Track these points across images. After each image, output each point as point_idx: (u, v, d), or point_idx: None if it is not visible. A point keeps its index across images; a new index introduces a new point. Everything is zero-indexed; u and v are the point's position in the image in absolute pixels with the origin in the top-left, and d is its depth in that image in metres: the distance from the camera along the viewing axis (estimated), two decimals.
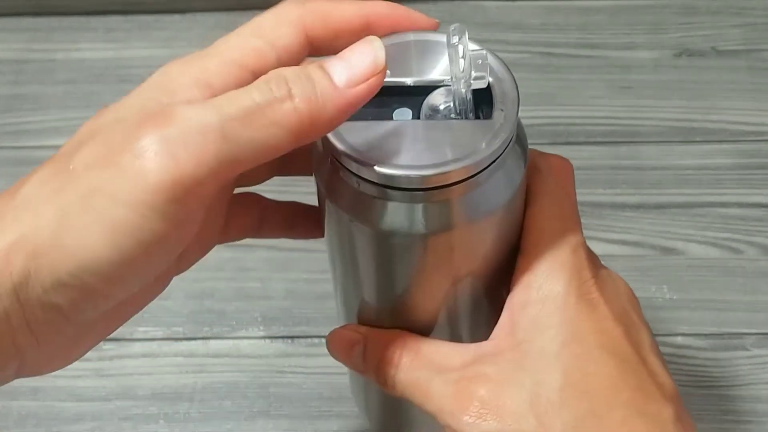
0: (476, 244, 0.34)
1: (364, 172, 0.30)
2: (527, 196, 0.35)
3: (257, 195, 0.40)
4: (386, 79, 0.31)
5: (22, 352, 0.29)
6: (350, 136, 0.31)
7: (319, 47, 0.32)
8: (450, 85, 0.32)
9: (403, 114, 0.32)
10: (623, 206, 0.64)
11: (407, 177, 0.30)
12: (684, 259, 0.62)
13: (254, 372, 0.57)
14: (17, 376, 0.30)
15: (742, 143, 0.67)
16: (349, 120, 0.30)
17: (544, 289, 0.34)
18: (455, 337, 0.38)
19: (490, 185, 0.32)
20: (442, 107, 0.32)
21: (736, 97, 0.70)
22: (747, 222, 0.63)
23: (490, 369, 0.34)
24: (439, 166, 0.30)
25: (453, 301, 0.36)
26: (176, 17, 0.77)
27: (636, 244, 0.62)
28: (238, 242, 0.65)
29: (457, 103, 0.32)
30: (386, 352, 0.36)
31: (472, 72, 0.31)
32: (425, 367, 0.35)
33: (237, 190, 0.37)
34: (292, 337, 0.58)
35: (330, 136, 0.31)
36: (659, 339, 0.58)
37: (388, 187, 0.30)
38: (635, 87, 0.71)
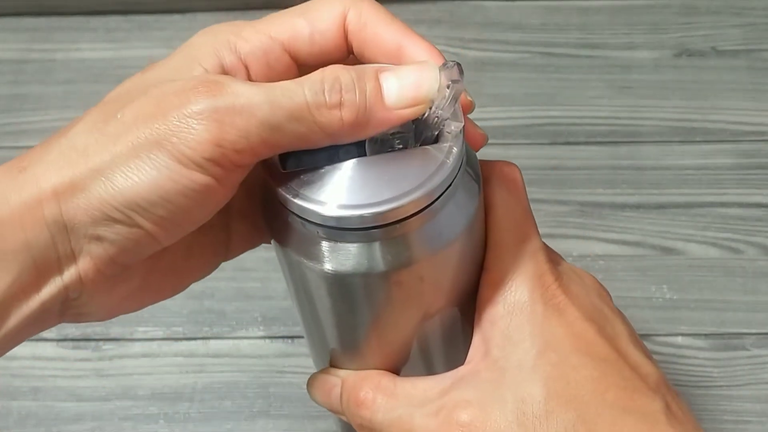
0: (442, 274, 0.33)
1: (316, 217, 0.29)
2: None
3: None
4: None
5: (66, 287, 0.30)
6: (298, 183, 0.30)
7: (351, 43, 0.33)
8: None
9: (349, 153, 0.31)
10: (623, 206, 0.64)
11: (360, 216, 0.29)
12: (684, 259, 0.62)
13: (254, 372, 0.57)
14: (61, 319, 0.32)
15: (742, 143, 0.67)
16: (295, 167, 0.30)
17: (509, 301, 0.34)
18: (431, 370, 0.37)
19: (447, 212, 0.31)
20: (384, 138, 0.31)
21: (736, 97, 0.70)
22: (747, 222, 0.63)
23: (469, 393, 0.33)
24: (391, 201, 0.29)
25: (425, 335, 0.35)
26: (176, 17, 0.77)
27: (636, 244, 0.62)
28: None
29: (418, 135, 0.31)
30: (359, 394, 0.35)
31: (449, 118, 0.30)
32: (403, 405, 0.34)
33: None
34: (292, 337, 0.58)
35: (279, 189, 0.30)
36: (659, 339, 0.58)
37: (343, 229, 0.30)
38: (635, 87, 0.71)
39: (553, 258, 0.35)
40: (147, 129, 0.29)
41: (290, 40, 0.32)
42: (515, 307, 0.34)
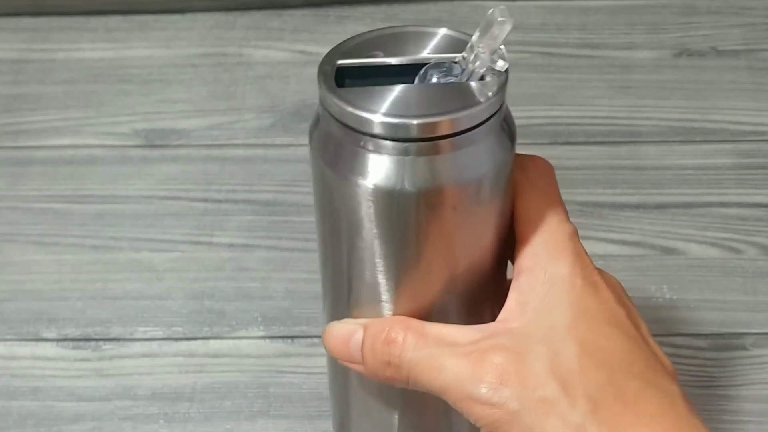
0: (465, 214, 0.34)
1: (364, 124, 0.32)
2: (516, 191, 0.37)
3: None
4: (385, 59, 0.34)
5: None
6: (351, 97, 0.32)
7: None
8: (456, 60, 0.34)
9: (400, 79, 0.33)
10: (623, 206, 0.64)
11: (402, 125, 0.32)
12: (684, 259, 0.62)
13: (254, 372, 0.57)
14: None
15: (742, 143, 0.67)
16: (349, 87, 0.32)
17: (549, 271, 0.35)
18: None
19: (476, 149, 0.33)
20: (436, 78, 0.34)
21: (736, 97, 0.70)
22: (747, 222, 0.63)
23: (505, 340, 0.34)
24: (430, 117, 0.32)
25: (448, 285, 0.36)
26: (176, 17, 0.77)
27: (636, 244, 0.62)
28: (238, 242, 0.66)
29: (464, 74, 0.33)
30: (389, 335, 0.36)
31: (496, 56, 0.32)
32: (434, 345, 0.35)
33: None
34: (291, 337, 0.58)
35: (330, 95, 0.32)
36: (659, 339, 0.58)
37: (385, 138, 0.32)
38: (635, 87, 0.71)
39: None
40: None
41: None
42: (555, 276, 0.35)
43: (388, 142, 0.32)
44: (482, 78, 0.33)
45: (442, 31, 0.35)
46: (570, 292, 0.35)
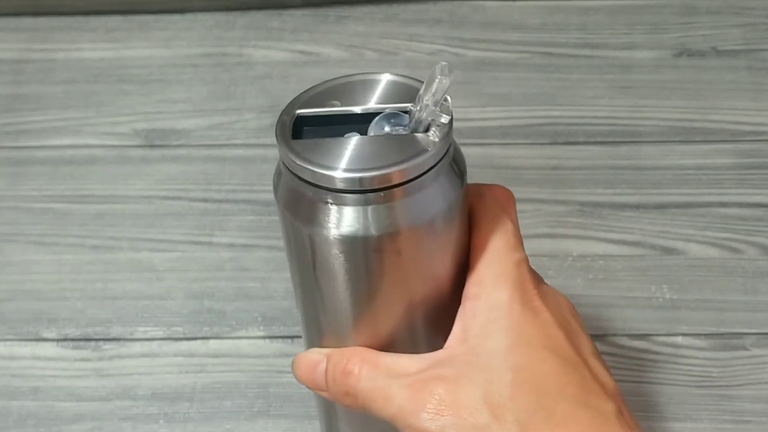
0: (424, 250, 0.36)
1: (320, 179, 0.34)
2: (472, 220, 0.39)
3: None
4: (338, 109, 0.36)
5: None
6: (306, 151, 0.35)
7: None
8: (407, 110, 0.36)
9: (352, 132, 0.36)
10: (623, 206, 0.64)
11: (355, 179, 0.34)
12: (684, 259, 0.62)
13: (254, 372, 0.57)
14: None
15: (742, 143, 0.67)
16: (304, 140, 0.35)
17: (491, 298, 0.37)
18: (413, 352, 0.40)
19: (428, 193, 0.35)
20: (387, 128, 0.36)
21: (735, 97, 0.70)
22: (747, 222, 0.63)
23: (445, 371, 0.36)
24: (385, 168, 0.34)
25: (409, 317, 0.39)
26: (176, 17, 0.77)
27: (636, 243, 0.62)
28: (238, 242, 0.66)
29: (412, 124, 0.35)
30: (347, 366, 0.38)
31: (439, 110, 0.34)
32: (384, 376, 0.37)
33: None
34: (291, 337, 0.58)
35: (287, 151, 0.35)
36: (659, 339, 0.58)
37: (346, 191, 0.34)
38: (635, 87, 0.71)
39: (535, 274, 0.39)
40: None
41: None
42: (496, 304, 0.37)
43: (348, 195, 0.34)
44: (429, 127, 0.35)
45: (388, 77, 0.37)
46: (508, 318, 0.37)
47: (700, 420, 0.54)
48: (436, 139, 0.35)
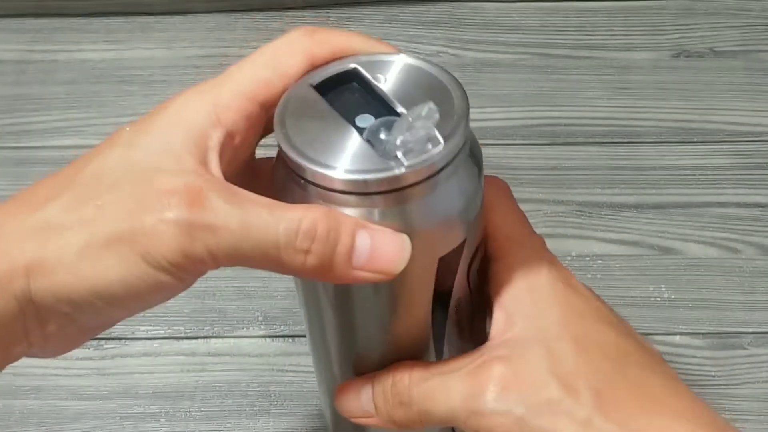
0: (441, 251, 0.34)
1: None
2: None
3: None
4: (366, 74, 0.33)
5: (30, 340, 0.32)
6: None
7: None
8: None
9: (364, 120, 0.33)
10: (621, 206, 0.65)
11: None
12: (682, 259, 0.62)
13: (255, 371, 0.57)
14: (23, 356, 0.34)
15: (740, 143, 0.68)
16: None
17: (530, 281, 0.36)
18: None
19: (443, 191, 0.32)
20: (383, 135, 0.32)
21: (733, 97, 0.70)
22: (744, 222, 0.64)
23: (501, 351, 0.35)
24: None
25: (439, 325, 0.37)
26: (177, 18, 0.77)
27: (634, 243, 0.63)
28: None
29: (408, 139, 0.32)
30: (395, 377, 0.36)
31: (431, 143, 0.31)
32: (437, 374, 0.36)
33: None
34: (292, 336, 0.59)
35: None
36: (657, 338, 0.59)
37: (348, 193, 0.31)
38: (633, 88, 0.72)
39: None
40: (122, 224, 0.30)
41: (264, 95, 0.33)
42: (536, 284, 0.36)
43: (351, 197, 0.31)
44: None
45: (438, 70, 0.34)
46: (554, 296, 0.36)
47: None
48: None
